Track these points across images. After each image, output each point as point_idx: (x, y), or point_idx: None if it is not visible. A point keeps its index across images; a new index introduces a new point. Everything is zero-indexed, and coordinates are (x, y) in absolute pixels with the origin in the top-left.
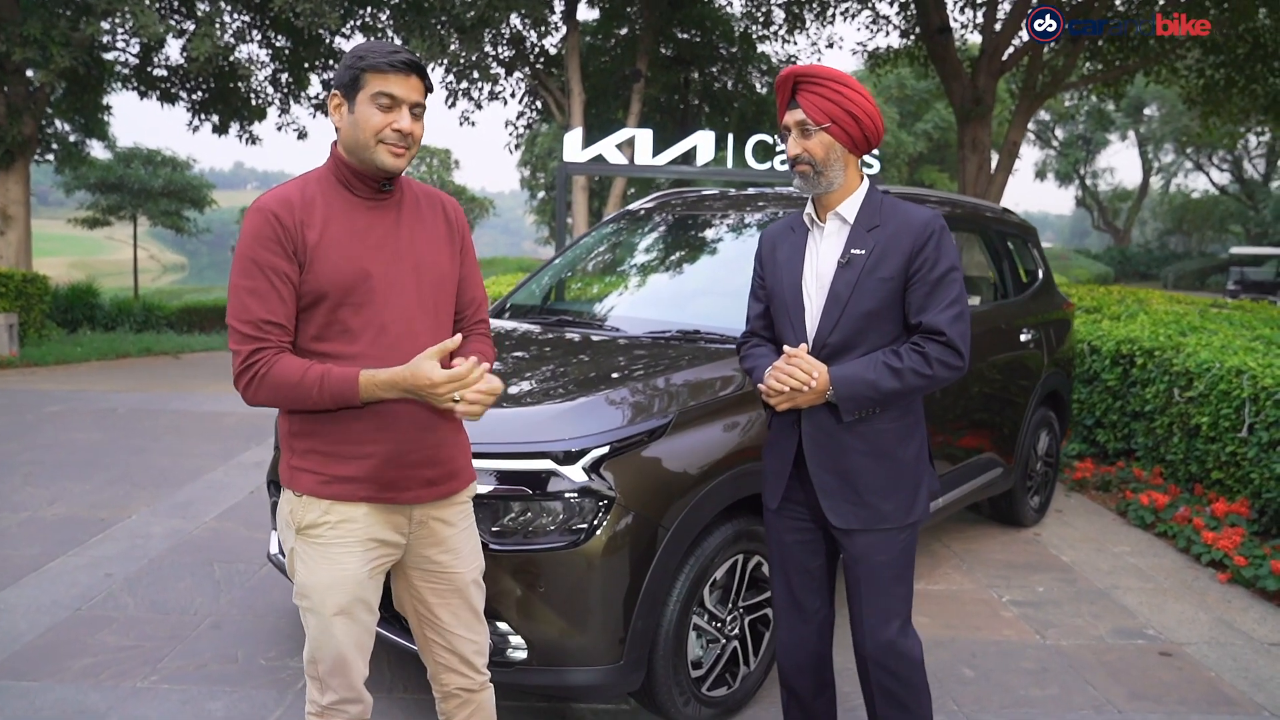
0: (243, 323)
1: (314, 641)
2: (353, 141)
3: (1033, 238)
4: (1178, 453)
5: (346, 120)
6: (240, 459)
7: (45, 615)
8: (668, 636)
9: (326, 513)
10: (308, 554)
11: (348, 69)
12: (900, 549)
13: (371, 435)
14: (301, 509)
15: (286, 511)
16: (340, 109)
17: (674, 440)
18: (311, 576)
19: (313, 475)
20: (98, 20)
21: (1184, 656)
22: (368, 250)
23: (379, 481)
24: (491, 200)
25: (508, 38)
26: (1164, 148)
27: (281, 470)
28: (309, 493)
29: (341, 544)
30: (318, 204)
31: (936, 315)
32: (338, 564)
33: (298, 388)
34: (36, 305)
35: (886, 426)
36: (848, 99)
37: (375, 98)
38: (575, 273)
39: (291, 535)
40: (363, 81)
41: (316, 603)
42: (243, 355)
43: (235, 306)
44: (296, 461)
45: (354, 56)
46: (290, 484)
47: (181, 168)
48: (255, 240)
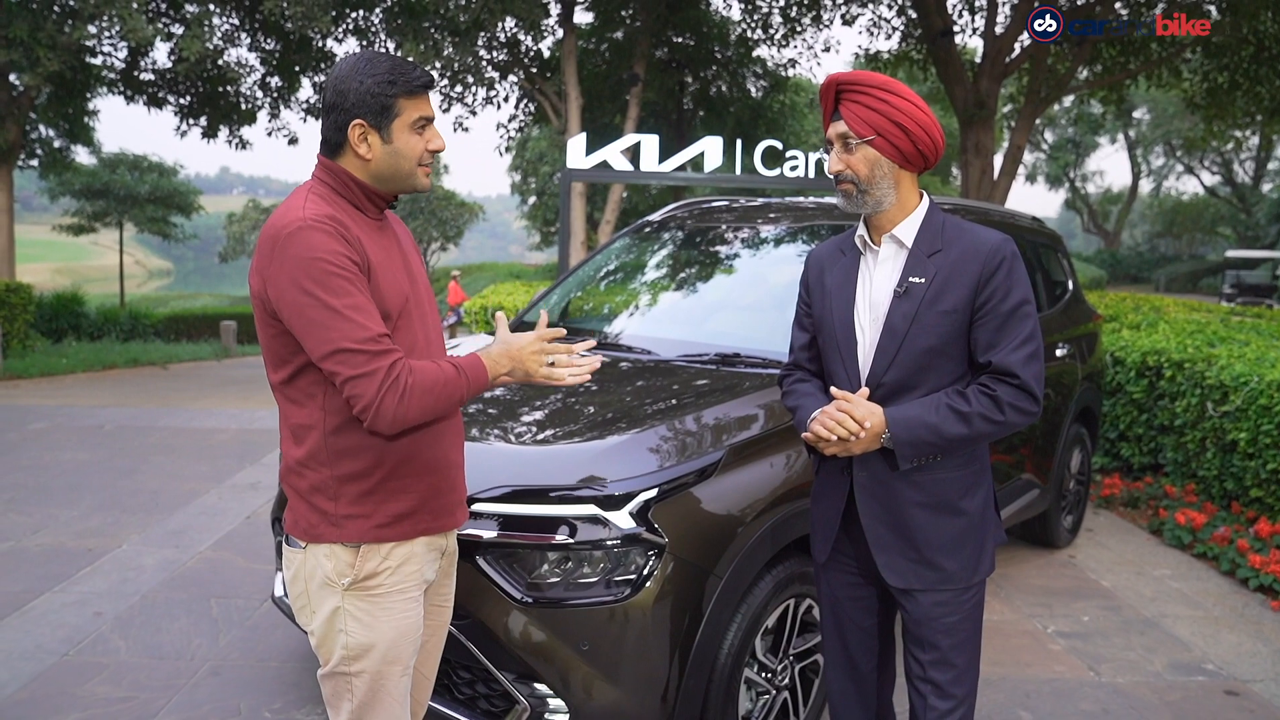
0: (362, 342)
1: (366, 709)
2: (391, 170)
3: (1061, 247)
4: (1211, 469)
5: (381, 151)
6: (234, 480)
7: (30, 662)
8: (719, 693)
9: (386, 558)
10: (364, 610)
11: (375, 96)
12: (968, 611)
13: (427, 464)
14: (360, 560)
15: (329, 569)
16: (368, 139)
17: (724, 479)
18: (371, 634)
19: (366, 520)
20: (85, 23)
21: (1252, 696)
22: (399, 271)
23: (431, 510)
24: (480, 205)
25: (502, 41)
26: (1154, 150)
27: (311, 524)
28: (370, 540)
29: (400, 591)
30: (349, 223)
31: (1008, 354)
32: (400, 614)
33: (447, 385)
34: (20, 315)
35: (949, 476)
36: (895, 108)
37: (415, 124)
38: (596, 287)
39: (336, 595)
40: (397, 109)
41: (376, 663)
42: (383, 371)
43: (344, 329)
44: (345, 509)
45: (380, 82)
46: (339, 536)
47: (168, 174)
48: (333, 255)
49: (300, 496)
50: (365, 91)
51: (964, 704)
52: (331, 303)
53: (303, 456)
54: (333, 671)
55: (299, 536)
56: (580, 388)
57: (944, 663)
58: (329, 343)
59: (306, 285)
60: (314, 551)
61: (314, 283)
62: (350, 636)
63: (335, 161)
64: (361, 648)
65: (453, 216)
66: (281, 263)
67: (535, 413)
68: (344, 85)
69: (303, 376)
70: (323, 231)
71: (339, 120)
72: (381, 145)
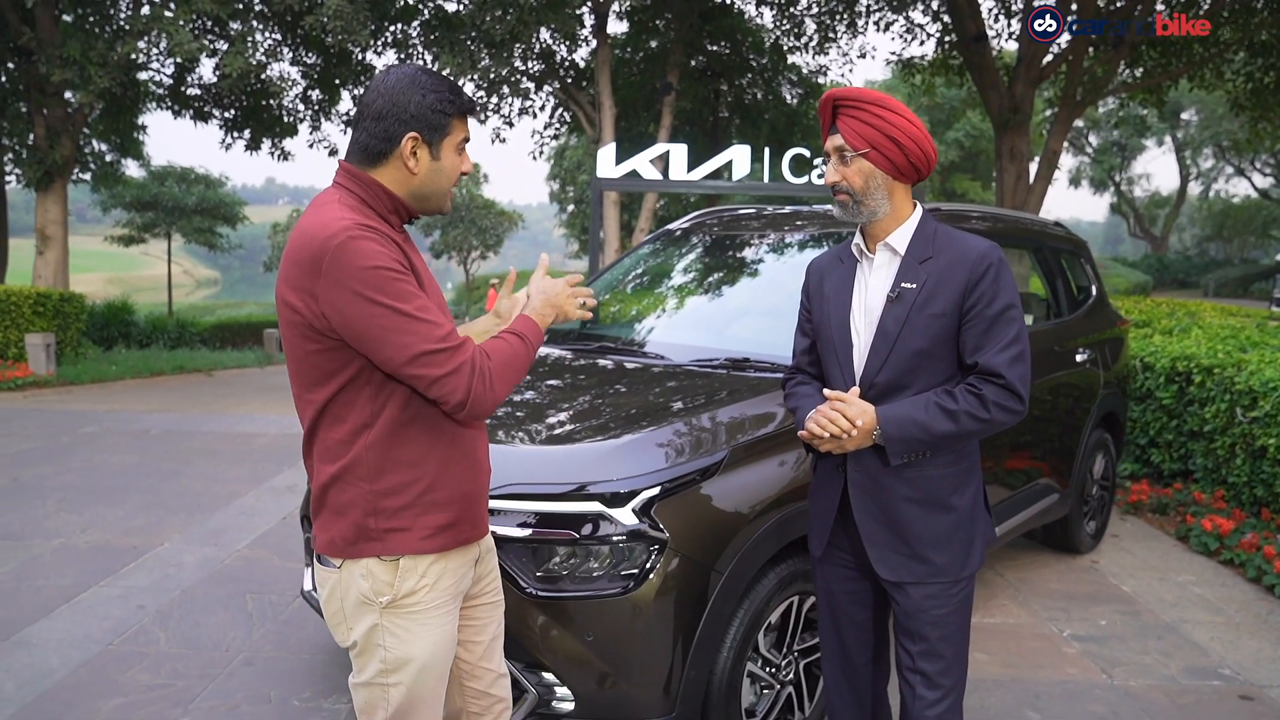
0: (441, 340)
1: (400, 717)
2: (431, 189)
3: (1084, 252)
4: (1241, 475)
5: (427, 167)
6: (272, 483)
7: (77, 650)
8: (721, 686)
9: (424, 575)
10: (402, 627)
11: (435, 112)
12: (957, 604)
13: (464, 474)
14: (400, 577)
15: (365, 589)
16: (418, 153)
17: (727, 479)
18: (409, 649)
19: (408, 533)
20: (133, 40)
21: (1267, 701)
22: (430, 281)
23: (470, 519)
24: (520, 214)
25: (537, 52)
26: (1203, 153)
27: (350, 540)
28: (413, 552)
29: (438, 606)
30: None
31: (994, 356)
32: (437, 628)
33: (516, 355)
34: (73, 324)
35: (939, 473)
36: (889, 123)
37: (459, 145)
38: (613, 294)
39: (374, 613)
40: (450, 127)
41: (412, 675)
42: (468, 365)
43: (422, 331)
44: (386, 523)
45: (443, 99)
46: (381, 550)
47: (214, 185)
48: (389, 261)
49: (336, 513)
50: (427, 106)
51: (951, 694)
52: (403, 308)
53: (339, 472)
54: (369, 681)
55: (335, 554)
56: (590, 392)
57: (932, 654)
58: (409, 348)
59: (371, 295)
60: (349, 570)
61: (378, 291)
62: (389, 652)
63: (368, 172)
64: (399, 661)
65: (492, 225)
66: (337, 274)
67: (544, 414)
68: (402, 97)
69: (346, 391)
70: (369, 239)
71: (391, 130)
72: (430, 161)
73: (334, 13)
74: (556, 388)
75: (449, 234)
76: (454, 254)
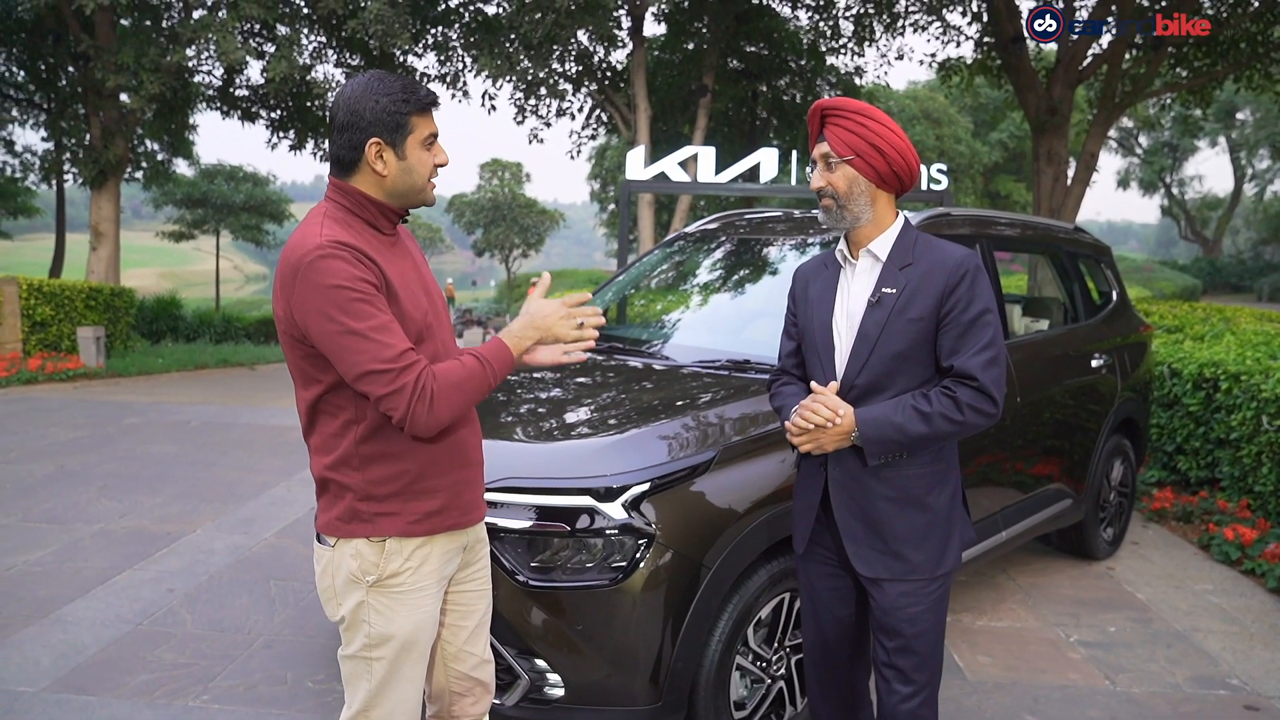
0: (387, 361)
1: (379, 695)
2: (406, 187)
3: (1106, 258)
4: (1267, 484)
5: (395, 168)
6: (302, 474)
7: (109, 629)
8: (709, 677)
9: (408, 559)
10: (386, 605)
11: (390, 114)
12: (931, 603)
13: (451, 466)
14: (386, 558)
15: (354, 568)
16: (383, 156)
17: (717, 476)
18: (391, 626)
19: (397, 517)
20: (184, 47)
21: (1273, 712)
22: (416, 286)
23: (458, 507)
24: (562, 213)
25: (575, 54)
26: (1259, 153)
27: (343, 521)
28: (400, 534)
29: (420, 589)
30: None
31: (969, 359)
32: (418, 609)
33: (471, 377)
34: (123, 318)
35: (916, 473)
36: (872, 131)
37: (425, 141)
38: (628, 297)
39: (361, 590)
40: (410, 126)
41: (394, 651)
42: (409, 386)
43: (370, 351)
44: (377, 508)
45: (395, 100)
46: (370, 532)
47: (262, 183)
48: (351, 281)
49: (332, 498)
50: (381, 110)
51: (925, 689)
52: (355, 327)
53: (333, 463)
54: (354, 655)
55: (330, 534)
56: (591, 391)
57: (907, 650)
58: (357, 366)
59: (330, 312)
60: (341, 549)
61: (337, 309)
62: (373, 627)
63: (348, 181)
64: (382, 637)
65: (534, 224)
66: (305, 291)
67: (545, 411)
68: (358, 105)
69: (332, 392)
70: (339, 258)
71: (354, 139)
72: (396, 161)
73: (375, 16)
74: (559, 385)
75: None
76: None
